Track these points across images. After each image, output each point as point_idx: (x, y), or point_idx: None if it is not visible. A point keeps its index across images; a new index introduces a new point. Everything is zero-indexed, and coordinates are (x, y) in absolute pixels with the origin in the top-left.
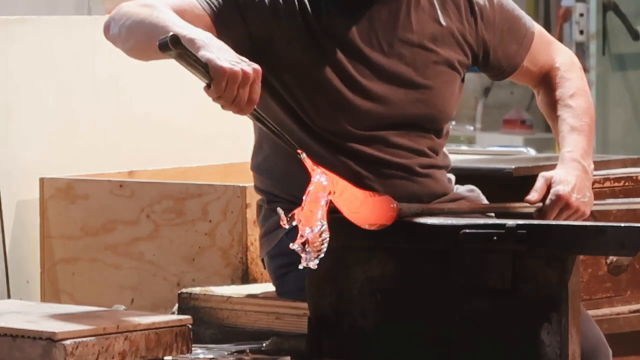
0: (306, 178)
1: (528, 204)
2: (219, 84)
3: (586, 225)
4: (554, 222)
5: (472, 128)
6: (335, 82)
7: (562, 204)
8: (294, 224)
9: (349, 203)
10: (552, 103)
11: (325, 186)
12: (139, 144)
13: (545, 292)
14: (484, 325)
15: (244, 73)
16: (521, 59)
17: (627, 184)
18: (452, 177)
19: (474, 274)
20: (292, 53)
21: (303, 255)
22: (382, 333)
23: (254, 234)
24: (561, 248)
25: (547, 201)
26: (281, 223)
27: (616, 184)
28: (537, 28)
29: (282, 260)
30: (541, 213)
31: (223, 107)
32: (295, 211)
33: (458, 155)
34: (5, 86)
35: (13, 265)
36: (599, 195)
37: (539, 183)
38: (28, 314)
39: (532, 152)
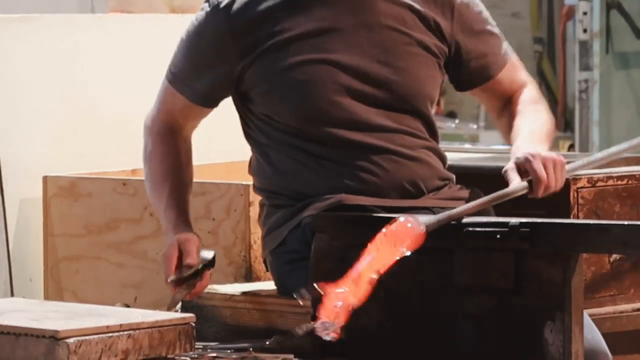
0: (298, 172)
1: (518, 188)
2: None
3: (590, 224)
4: (557, 221)
5: (475, 127)
6: (302, 75)
7: (541, 177)
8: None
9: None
10: (513, 113)
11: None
12: (143, 142)
13: (548, 291)
14: (487, 323)
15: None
16: (496, 72)
17: (630, 182)
18: (452, 175)
19: (477, 273)
20: (258, 70)
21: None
22: (385, 332)
23: (257, 232)
24: (564, 246)
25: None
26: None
27: (619, 182)
28: (514, 55)
29: (285, 258)
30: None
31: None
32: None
33: (461, 154)
34: (9, 84)
35: (16, 263)
36: (601, 193)
37: (512, 174)
38: (31, 312)
39: None
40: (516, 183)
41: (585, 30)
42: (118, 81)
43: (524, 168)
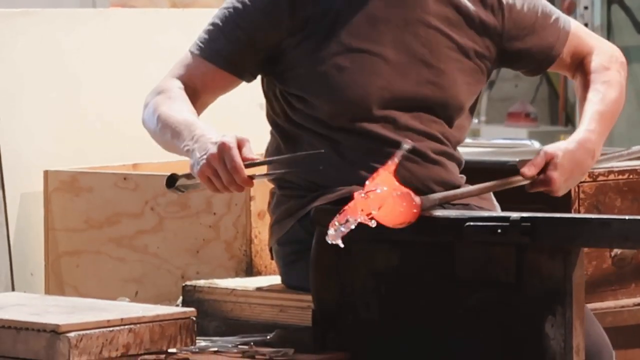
0: (319, 163)
1: (524, 179)
2: (206, 182)
3: (591, 218)
4: (558, 215)
5: (476, 121)
6: (345, 61)
7: (549, 189)
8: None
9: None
10: (585, 85)
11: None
12: (144, 136)
13: (549, 285)
14: (488, 318)
15: (211, 158)
16: (558, 52)
17: (631, 176)
18: (464, 177)
19: (478, 267)
20: (302, 52)
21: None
22: (386, 326)
23: (258, 226)
24: (565, 241)
25: (540, 176)
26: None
27: (620, 177)
28: (575, 21)
29: (291, 248)
30: (529, 185)
31: (222, 189)
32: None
33: (462, 148)
34: (10, 79)
35: (17, 257)
36: (602, 188)
37: (539, 158)
38: (32, 306)
39: (536, 145)
40: (526, 174)
41: (586, 25)
42: (119, 76)
43: (546, 174)
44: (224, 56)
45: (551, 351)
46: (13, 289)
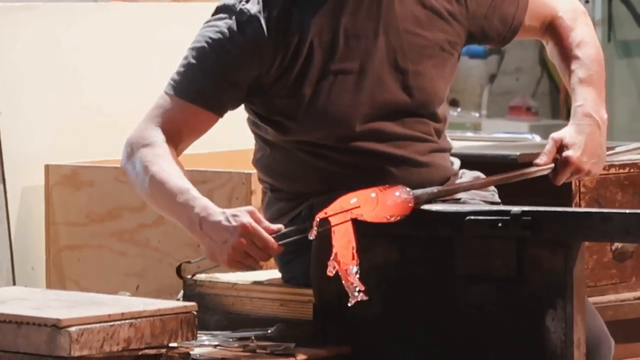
0: (304, 175)
1: (542, 168)
2: (234, 266)
3: (591, 212)
4: (559, 209)
5: (477, 115)
6: (325, 85)
7: (573, 169)
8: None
9: (366, 207)
10: (560, 54)
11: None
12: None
13: (550, 279)
14: (488, 312)
15: (238, 245)
16: (520, 21)
17: (632, 170)
18: (457, 160)
19: (479, 261)
20: (282, 84)
21: (350, 293)
22: (387, 320)
23: None
24: (566, 234)
25: (558, 164)
26: (310, 235)
27: (621, 171)
28: None
29: (286, 248)
30: (554, 175)
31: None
32: (330, 262)
33: (464, 142)
34: (11, 73)
35: (18, 252)
36: (603, 182)
37: (548, 146)
38: (33, 300)
39: (537, 138)
40: (539, 163)
41: None
42: (120, 69)
43: (561, 158)
44: (208, 96)
45: (552, 345)
46: (14, 283)
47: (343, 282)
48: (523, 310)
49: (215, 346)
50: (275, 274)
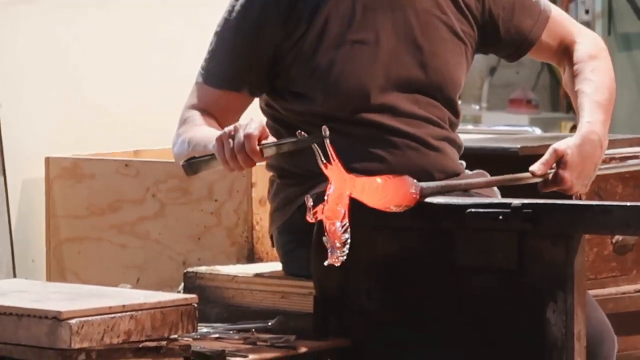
0: (314, 153)
1: (536, 177)
2: (218, 147)
3: (592, 205)
4: (559, 202)
5: (477, 107)
6: (342, 53)
7: (563, 188)
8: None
9: (370, 194)
10: (574, 76)
11: (345, 182)
12: (145, 123)
13: (550, 271)
14: (489, 304)
15: (230, 128)
16: (537, 35)
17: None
18: (463, 162)
19: (480, 254)
20: (297, 53)
21: (329, 252)
22: (387, 312)
23: (259, 213)
24: (567, 227)
25: (551, 177)
26: (307, 217)
27: (621, 164)
28: (556, 7)
29: (290, 236)
30: (542, 184)
31: (234, 168)
32: (318, 208)
33: (464, 135)
34: (12, 66)
35: (19, 244)
36: (604, 175)
37: (548, 156)
38: (34, 293)
39: (537, 131)
40: (535, 172)
41: (587, 12)
42: (121, 63)
43: (557, 174)
44: (229, 78)
45: (552, 337)
46: (14, 276)
47: (324, 236)
48: (524, 302)
49: (216, 338)
50: (275, 266)
